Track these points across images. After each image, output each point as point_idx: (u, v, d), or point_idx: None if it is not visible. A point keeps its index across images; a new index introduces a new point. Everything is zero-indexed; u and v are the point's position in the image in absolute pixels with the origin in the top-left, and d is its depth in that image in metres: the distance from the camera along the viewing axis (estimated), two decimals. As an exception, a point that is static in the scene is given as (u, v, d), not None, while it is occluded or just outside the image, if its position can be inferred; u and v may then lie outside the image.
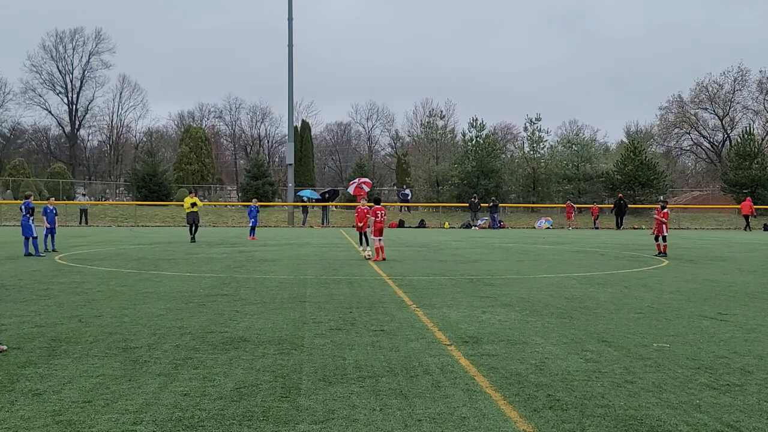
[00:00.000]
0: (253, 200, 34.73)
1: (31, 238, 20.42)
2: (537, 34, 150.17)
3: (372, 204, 20.52)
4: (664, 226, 22.05)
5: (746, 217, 48.27)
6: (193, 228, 29.12)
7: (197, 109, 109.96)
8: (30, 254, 20.07)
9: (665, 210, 22.36)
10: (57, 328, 8.63)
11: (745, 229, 47.94)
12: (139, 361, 6.88)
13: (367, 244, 20.18)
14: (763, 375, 6.48)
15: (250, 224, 32.40)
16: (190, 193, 32.47)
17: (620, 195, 51.84)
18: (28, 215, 20.63)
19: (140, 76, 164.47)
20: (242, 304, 10.83)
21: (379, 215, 19.74)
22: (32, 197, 21.67)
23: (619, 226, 50.21)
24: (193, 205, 29.43)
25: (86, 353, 7.21)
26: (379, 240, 19.65)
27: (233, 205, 68.48)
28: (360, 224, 20.58)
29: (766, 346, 7.78)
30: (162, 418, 5.11)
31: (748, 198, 51.15)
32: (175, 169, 79.14)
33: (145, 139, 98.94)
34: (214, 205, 65.75)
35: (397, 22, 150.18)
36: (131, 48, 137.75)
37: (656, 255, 21.78)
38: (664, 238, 22.13)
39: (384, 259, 19.14)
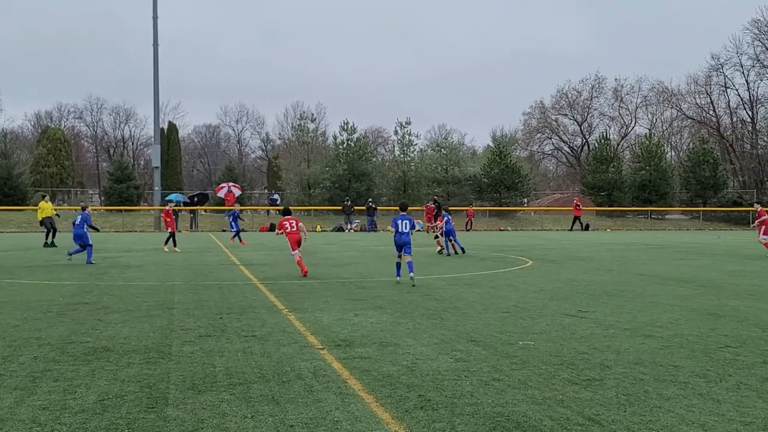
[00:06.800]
0: (236, 204, 35.00)
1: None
2: (390, 44, 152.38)
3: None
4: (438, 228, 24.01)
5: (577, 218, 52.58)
6: (53, 233, 28.86)
7: (56, 109, 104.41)
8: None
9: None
10: None
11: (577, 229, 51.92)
12: (-8, 375, 6.48)
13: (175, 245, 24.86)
14: (621, 369, 6.81)
15: (234, 229, 30.12)
16: (45, 197, 32.59)
17: (435, 197, 51.44)
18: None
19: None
20: (105, 312, 10.41)
21: (287, 226, 16.81)
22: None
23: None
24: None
25: (-68, 369, 6.73)
26: (298, 252, 16.68)
27: (96, 210, 65.73)
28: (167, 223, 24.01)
29: (624, 342, 8.20)
30: (17, 435, 4.83)
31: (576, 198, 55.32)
32: (31, 171, 75.04)
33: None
34: (75, 210, 62.86)
35: (263, 24, 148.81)
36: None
37: (440, 252, 23.88)
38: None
39: (306, 274, 16.06)
